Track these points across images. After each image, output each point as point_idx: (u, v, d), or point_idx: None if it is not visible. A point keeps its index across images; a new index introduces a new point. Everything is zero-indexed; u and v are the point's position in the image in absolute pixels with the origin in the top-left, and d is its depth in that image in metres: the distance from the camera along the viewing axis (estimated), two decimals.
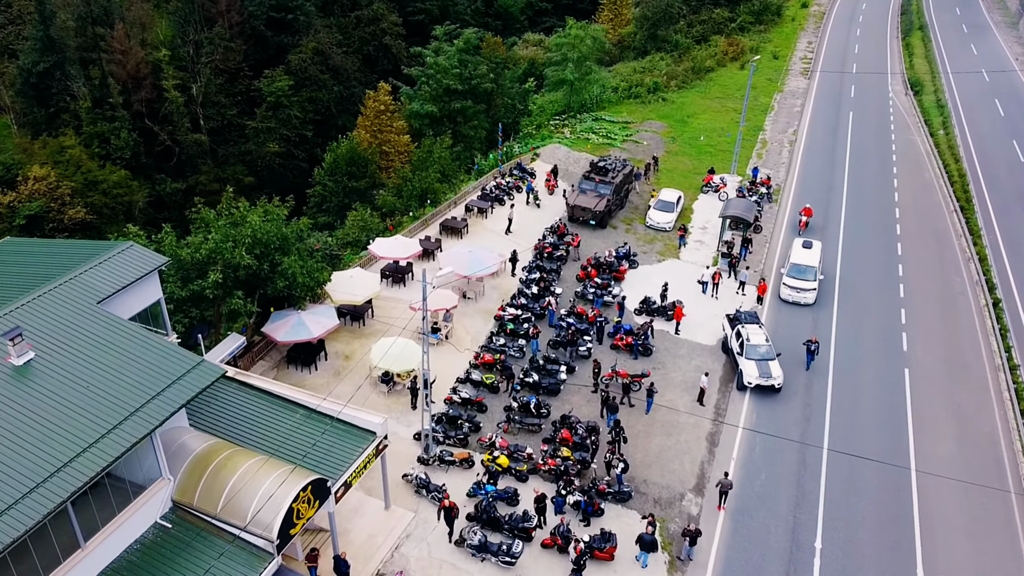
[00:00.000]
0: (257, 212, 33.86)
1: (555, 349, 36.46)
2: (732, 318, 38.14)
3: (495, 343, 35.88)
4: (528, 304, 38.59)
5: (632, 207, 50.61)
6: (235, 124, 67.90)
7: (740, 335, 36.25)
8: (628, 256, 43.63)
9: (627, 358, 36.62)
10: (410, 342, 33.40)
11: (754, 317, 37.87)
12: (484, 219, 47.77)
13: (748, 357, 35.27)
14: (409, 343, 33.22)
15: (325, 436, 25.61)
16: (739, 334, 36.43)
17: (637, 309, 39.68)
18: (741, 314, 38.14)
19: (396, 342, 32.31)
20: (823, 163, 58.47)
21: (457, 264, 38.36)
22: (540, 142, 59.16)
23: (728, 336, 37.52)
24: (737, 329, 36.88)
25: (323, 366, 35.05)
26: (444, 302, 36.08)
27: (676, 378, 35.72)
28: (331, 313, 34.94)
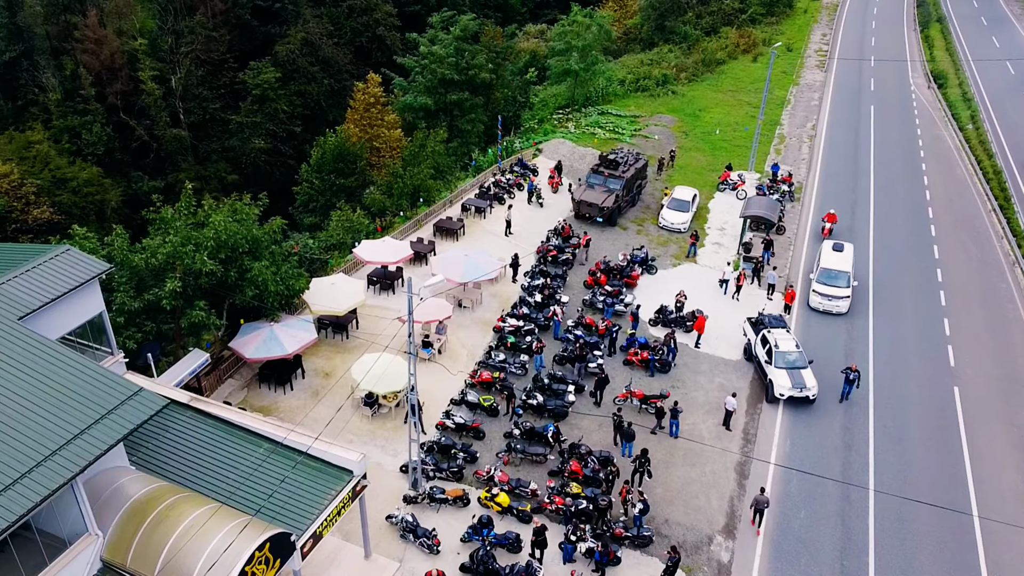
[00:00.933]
0: (223, 211, 29.85)
1: (561, 365, 32.45)
2: (755, 322, 34.39)
3: (494, 359, 31.87)
4: (531, 314, 34.59)
5: (644, 206, 46.58)
6: (218, 119, 63.79)
7: (766, 341, 32.56)
8: (646, 261, 39.57)
9: (642, 375, 32.60)
10: (397, 358, 29.41)
11: (780, 321, 34.23)
12: (482, 219, 43.77)
13: (778, 366, 31.58)
14: (396, 359, 29.21)
15: (292, 476, 21.58)
16: (765, 340, 32.73)
17: (652, 319, 35.67)
18: (765, 317, 34.42)
19: (381, 359, 28.31)
20: (846, 159, 54.53)
21: (451, 269, 34.37)
22: (543, 137, 55.17)
23: (752, 343, 33.78)
24: (762, 335, 33.16)
25: (300, 385, 31.03)
26: (436, 312, 32.07)
27: (698, 398, 31.70)
28: (308, 326, 30.92)
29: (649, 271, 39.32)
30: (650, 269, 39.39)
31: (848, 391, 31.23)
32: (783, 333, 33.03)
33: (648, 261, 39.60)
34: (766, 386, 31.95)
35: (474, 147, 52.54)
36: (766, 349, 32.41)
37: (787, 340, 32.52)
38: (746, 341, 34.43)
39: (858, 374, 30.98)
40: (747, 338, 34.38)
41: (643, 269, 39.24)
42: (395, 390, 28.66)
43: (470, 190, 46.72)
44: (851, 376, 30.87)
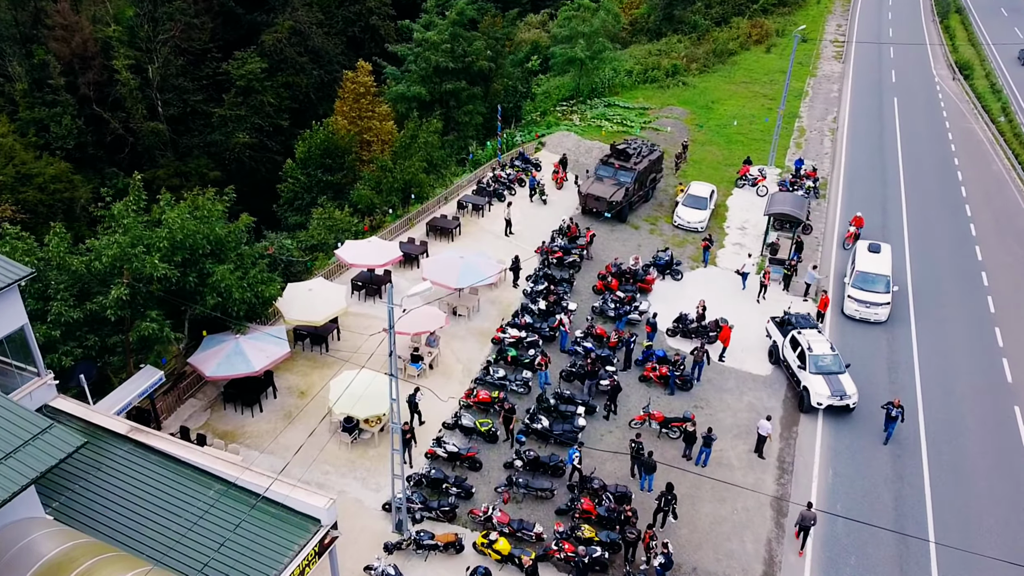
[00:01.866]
0: (181, 207, 26.00)
1: (569, 382, 28.59)
2: (782, 322, 30.95)
3: (493, 375, 28.01)
4: (534, 323, 30.73)
5: (656, 203, 42.70)
6: (200, 111, 60.01)
7: (797, 343, 29.09)
8: (670, 265, 35.69)
9: (660, 393, 28.75)
10: (380, 375, 25.55)
11: (809, 320, 30.83)
12: (480, 218, 39.93)
13: (813, 371, 28.11)
14: (379, 377, 25.35)
15: (246, 527, 17.73)
16: (795, 342, 29.25)
17: (671, 329, 31.79)
18: (792, 317, 30.94)
19: (362, 376, 24.40)
20: (872, 154, 50.66)
21: (444, 273, 30.53)
22: (546, 129, 51.32)
23: (779, 346, 30.31)
24: (791, 336, 29.60)
25: (271, 406, 27.17)
26: (427, 322, 28.22)
27: (725, 420, 27.83)
28: (280, 338, 27.04)
29: (674, 277, 35.44)
30: (675, 275, 35.50)
31: (890, 429, 26.78)
32: (815, 334, 29.58)
33: (673, 265, 35.69)
34: (799, 395, 28.54)
35: (472, 140, 48.66)
36: (797, 352, 28.95)
37: (821, 342, 29.07)
38: (771, 343, 30.97)
39: (902, 410, 26.57)
40: (771, 340, 30.99)
41: (668, 274, 35.38)
42: (378, 413, 24.78)
43: (467, 186, 42.89)
44: (894, 413, 26.46)
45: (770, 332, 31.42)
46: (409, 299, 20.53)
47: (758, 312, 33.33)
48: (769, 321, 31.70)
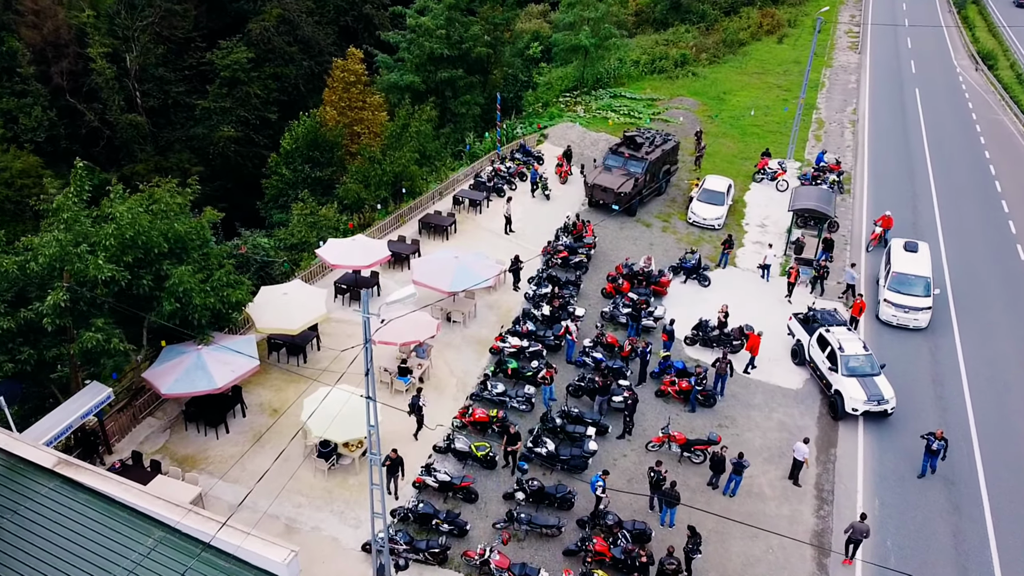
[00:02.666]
0: (133, 200, 22.79)
1: (577, 398, 25.36)
2: (806, 319, 28.37)
3: (491, 390, 24.76)
4: (537, 331, 27.50)
5: (669, 199, 39.44)
6: (182, 103, 56.76)
7: (826, 343, 26.44)
8: (697, 269, 32.34)
9: (679, 409, 25.53)
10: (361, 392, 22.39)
11: (836, 317, 28.24)
12: (477, 215, 36.70)
13: (846, 373, 25.39)
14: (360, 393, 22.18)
15: None
16: (824, 341, 26.59)
17: (689, 337, 28.57)
18: (817, 313, 28.32)
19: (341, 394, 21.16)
20: (897, 147, 47.45)
21: (437, 275, 27.32)
22: (548, 121, 48.08)
23: (805, 345, 27.69)
24: (819, 335, 26.87)
25: (238, 426, 23.94)
26: (417, 330, 24.98)
27: (753, 441, 24.60)
28: (249, 349, 23.79)
29: (701, 282, 32.17)
30: (702, 280, 32.21)
31: (930, 463, 23.26)
32: (845, 332, 26.83)
33: (700, 270, 32.32)
34: (830, 400, 25.82)
35: (469, 132, 45.42)
36: (827, 352, 26.29)
37: (852, 341, 26.39)
38: (794, 343, 28.29)
39: (945, 443, 22.99)
40: (795, 339, 28.42)
41: (695, 279, 32.17)
42: (360, 436, 21.53)
43: (463, 180, 39.67)
44: (935, 445, 22.90)
45: (793, 330, 28.77)
46: (388, 307, 17.31)
47: (784, 316, 30.06)
48: (792, 318, 29.01)
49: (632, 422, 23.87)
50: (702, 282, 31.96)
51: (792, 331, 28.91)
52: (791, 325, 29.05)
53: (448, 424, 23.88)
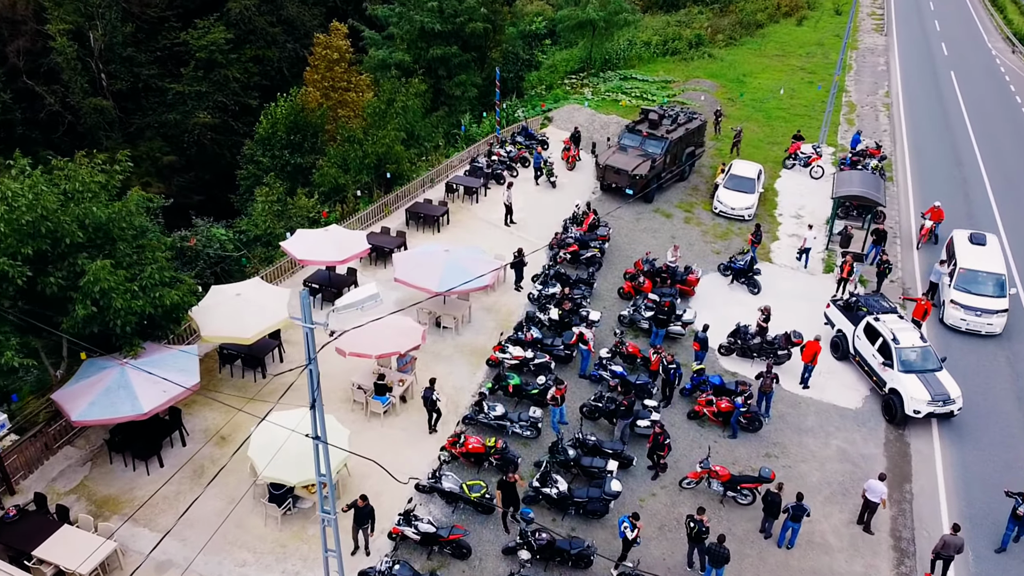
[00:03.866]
0: (37, 177, 18.24)
1: (592, 420, 20.83)
2: (847, 306, 24.35)
3: (488, 413, 20.20)
4: (544, 339, 22.96)
5: (691, 187, 34.88)
6: (154, 87, 52.13)
7: (875, 333, 22.80)
8: (748, 272, 27.46)
9: (718, 435, 21.00)
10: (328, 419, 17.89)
11: (885, 303, 24.47)
12: (472, 204, 32.19)
13: (904, 369, 21.63)
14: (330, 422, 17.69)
15: None
16: (872, 332, 22.93)
17: (725, 347, 24.02)
18: (861, 299, 24.36)
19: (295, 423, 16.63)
20: (939, 131, 42.96)
21: (422, 272, 22.79)
22: (552, 103, 43.57)
23: (848, 337, 23.82)
24: (867, 324, 22.90)
25: (176, 458, 19.39)
26: (397, 339, 20.42)
27: (810, 476, 20.08)
28: (189, 364, 19.28)
29: (751, 288, 27.37)
30: (752, 286, 27.37)
31: (1016, 531, 18.15)
32: (897, 320, 23.09)
33: (751, 273, 27.39)
34: (885, 401, 22.12)
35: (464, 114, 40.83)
36: (877, 345, 22.48)
37: (907, 330, 22.63)
38: (834, 333, 24.61)
39: None
40: (835, 329, 24.63)
41: (743, 283, 27.58)
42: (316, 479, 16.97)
43: (458, 166, 35.14)
44: (1021, 508, 17.89)
45: (832, 319, 24.95)
46: (339, 313, 12.84)
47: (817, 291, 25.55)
48: (830, 305, 25.12)
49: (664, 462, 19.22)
50: (751, 288, 27.27)
51: (831, 320, 25.03)
52: (829, 313, 25.16)
53: (435, 456, 19.34)
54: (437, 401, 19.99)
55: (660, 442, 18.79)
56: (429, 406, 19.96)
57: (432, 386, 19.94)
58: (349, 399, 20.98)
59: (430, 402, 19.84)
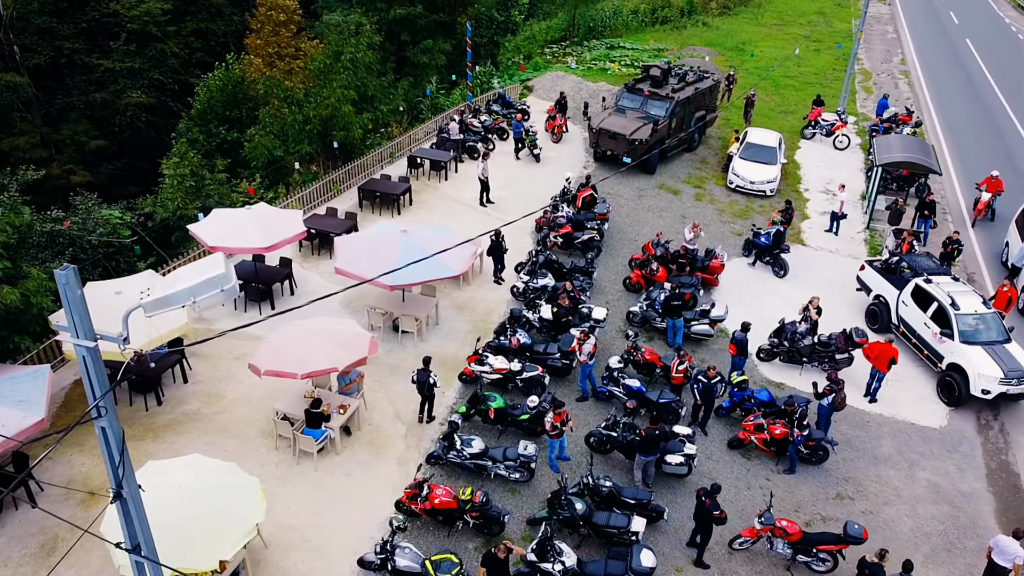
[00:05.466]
0: None
1: (601, 452, 15.42)
2: (889, 268, 20.45)
3: (462, 449, 14.66)
4: (535, 346, 17.52)
5: (699, 160, 29.66)
6: (80, 63, 46.00)
7: (927, 298, 18.77)
8: (775, 248, 22.31)
9: (766, 468, 15.71)
10: (232, 469, 12.39)
11: (933, 263, 20.41)
12: (441, 181, 26.70)
13: (966, 340, 17.77)
14: (227, 470, 12.22)
15: None
16: (923, 296, 18.89)
17: (766, 349, 18.74)
18: (905, 259, 20.00)
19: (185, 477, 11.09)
20: (967, 99, 38.26)
21: (370, 260, 17.24)
22: (532, 72, 38.18)
23: (891, 303, 19.97)
24: (915, 287, 19.22)
25: (20, 524, 13.67)
26: (337, 351, 14.82)
27: (900, 523, 14.86)
28: (30, 391, 13.60)
29: (777, 270, 22.36)
30: (779, 266, 22.35)
31: None
32: (952, 282, 19.13)
33: (778, 251, 22.28)
34: (943, 380, 18.12)
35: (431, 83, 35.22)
36: (930, 312, 18.55)
37: (967, 293, 18.69)
38: (871, 300, 20.62)
39: None
40: (873, 296, 20.62)
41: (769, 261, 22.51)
42: (225, 557, 11.42)
43: (423, 139, 29.62)
44: None
45: (868, 284, 20.98)
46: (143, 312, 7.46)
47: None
48: (865, 267, 21.22)
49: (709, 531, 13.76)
50: (777, 270, 22.20)
51: (866, 285, 21.00)
52: (865, 277, 21.08)
53: (387, 513, 13.85)
54: (435, 386, 15.71)
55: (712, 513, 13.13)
56: (425, 391, 15.72)
57: (427, 367, 15.57)
58: (271, 433, 15.42)
59: (426, 387, 15.59)
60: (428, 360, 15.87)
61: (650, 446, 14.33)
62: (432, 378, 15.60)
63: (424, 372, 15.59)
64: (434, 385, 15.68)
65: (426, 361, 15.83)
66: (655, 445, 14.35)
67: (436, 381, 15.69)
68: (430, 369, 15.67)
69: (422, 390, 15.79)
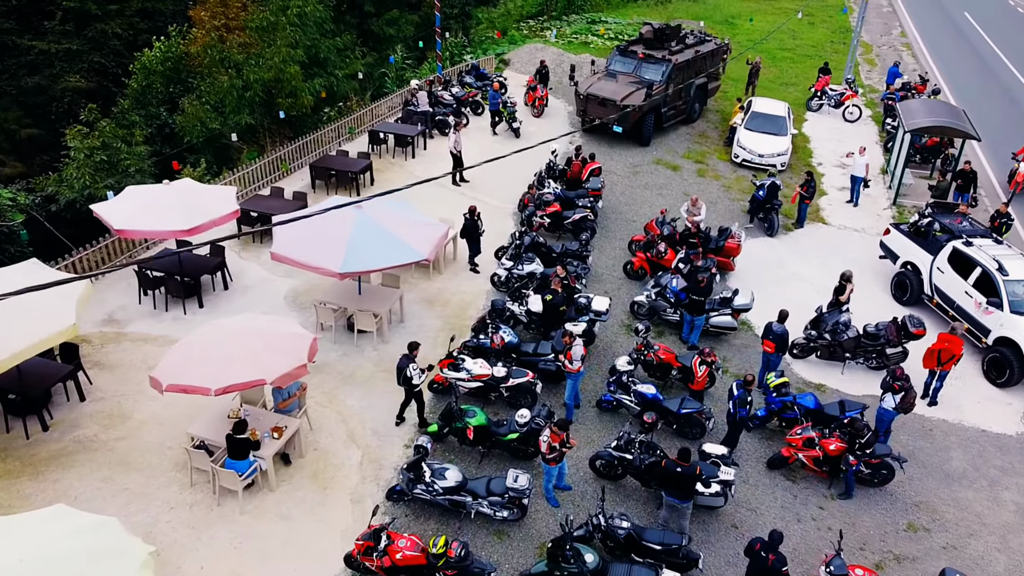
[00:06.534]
0: None
1: (608, 478, 12.12)
2: (917, 230, 17.82)
3: (433, 482, 11.23)
4: (522, 347, 14.17)
5: (698, 133, 26.51)
6: (9, 44, 41.85)
7: (968, 263, 16.21)
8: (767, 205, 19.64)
9: (819, 493, 12.49)
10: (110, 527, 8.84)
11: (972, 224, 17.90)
12: (407, 159, 23.29)
13: (1019, 309, 15.15)
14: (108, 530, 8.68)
15: None
16: (963, 261, 16.32)
17: (801, 343, 15.54)
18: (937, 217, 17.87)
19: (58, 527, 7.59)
20: (976, 71, 35.62)
21: (318, 242, 13.80)
22: (508, 46, 34.87)
23: (925, 271, 17.24)
24: (953, 251, 16.62)
25: None
26: (261, 361, 11.34)
27: (991, 562, 11.73)
28: None
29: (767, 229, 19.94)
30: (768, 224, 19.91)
31: None
32: (994, 245, 16.60)
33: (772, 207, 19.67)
34: (990, 357, 15.43)
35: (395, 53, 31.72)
36: (973, 279, 15.98)
37: (1013, 257, 16.11)
38: (899, 268, 17.97)
39: None
40: (899, 264, 18.00)
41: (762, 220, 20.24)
42: None
43: (387, 115, 26.17)
44: None
45: (894, 250, 18.35)
46: None
47: None
48: (891, 230, 18.58)
49: None
50: (766, 227, 19.69)
51: (891, 252, 18.43)
52: (890, 242, 18.46)
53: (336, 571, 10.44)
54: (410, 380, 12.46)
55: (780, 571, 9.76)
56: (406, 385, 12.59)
57: (412, 354, 12.55)
58: (187, 465, 11.93)
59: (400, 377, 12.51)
60: (414, 346, 12.65)
61: (679, 486, 10.98)
62: (412, 369, 12.34)
63: (405, 359, 12.41)
64: (411, 379, 12.40)
65: (411, 347, 12.62)
66: (688, 488, 10.99)
67: (414, 375, 12.40)
68: (414, 357, 12.47)
69: (403, 384, 12.52)
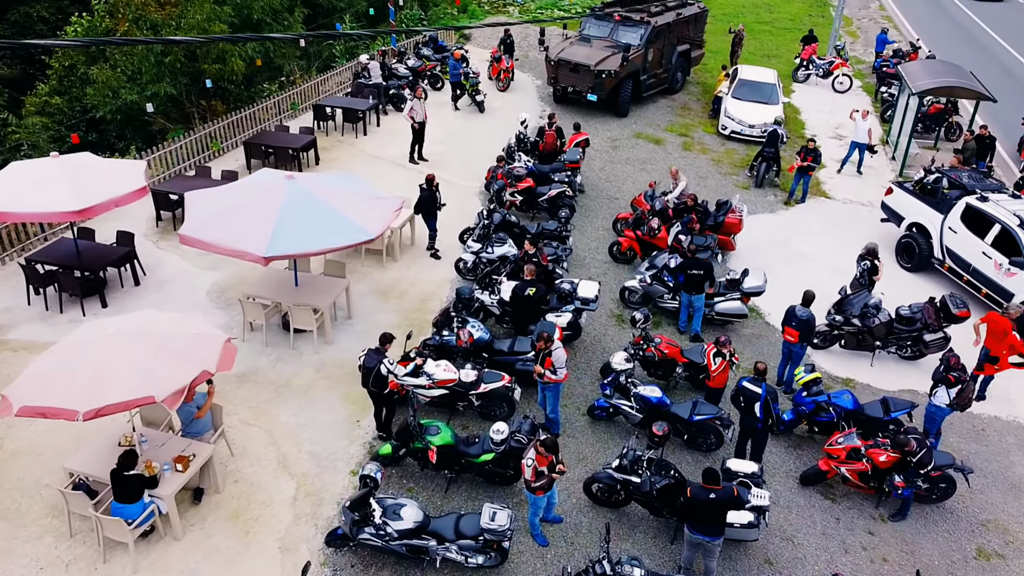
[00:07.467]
0: None
1: (612, 505, 9.61)
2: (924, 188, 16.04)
3: (385, 524, 8.62)
4: (495, 344, 11.60)
5: (680, 106, 24.17)
6: None
7: (985, 221, 14.38)
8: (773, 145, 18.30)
9: (865, 514, 10.11)
10: None
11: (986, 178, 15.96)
12: (358, 136, 20.58)
13: None
14: None
15: None
16: (978, 219, 14.53)
17: (825, 330, 13.19)
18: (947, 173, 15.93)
19: None
20: (961, 41, 34.02)
21: (239, 222, 11.07)
22: (469, 20, 32.29)
23: (934, 231, 15.43)
24: (967, 208, 14.83)
25: None
26: (157, 373, 8.61)
27: None
28: None
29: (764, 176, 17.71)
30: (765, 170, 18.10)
31: None
32: (1011, 200, 14.77)
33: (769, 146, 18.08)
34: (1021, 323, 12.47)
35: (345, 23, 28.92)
36: (990, 237, 14.17)
37: None
38: (904, 231, 16.14)
39: None
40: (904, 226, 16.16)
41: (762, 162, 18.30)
42: None
43: (336, 90, 23.40)
44: None
45: (898, 211, 16.48)
46: None
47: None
48: (893, 190, 16.73)
49: None
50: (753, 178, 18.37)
51: (895, 213, 16.58)
52: (892, 202, 16.63)
53: None
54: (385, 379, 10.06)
55: None
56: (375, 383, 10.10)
57: (382, 347, 10.10)
58: (59, 510, 9.15)
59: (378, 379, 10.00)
60: (386, 338, 10.14)
61: (709, 519, 8.48)
62: (386, 365, 9.88)
63: (373, 355, 9.95)
64: (386, 377, 9.97)
65: (383, 339, 10.12)
66: (721, 519, 8.50)
67: (390, 371, 9.95)
68: (385, 352, 9.98)
69: (370, 383, 9.97)
